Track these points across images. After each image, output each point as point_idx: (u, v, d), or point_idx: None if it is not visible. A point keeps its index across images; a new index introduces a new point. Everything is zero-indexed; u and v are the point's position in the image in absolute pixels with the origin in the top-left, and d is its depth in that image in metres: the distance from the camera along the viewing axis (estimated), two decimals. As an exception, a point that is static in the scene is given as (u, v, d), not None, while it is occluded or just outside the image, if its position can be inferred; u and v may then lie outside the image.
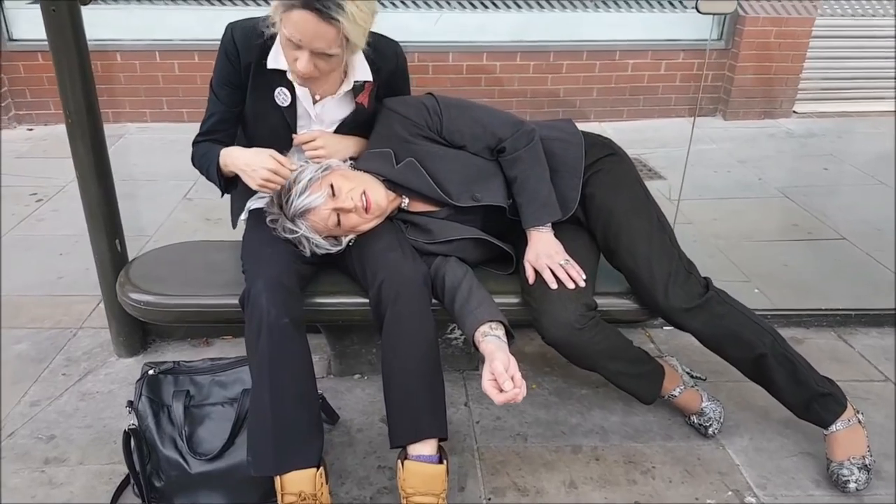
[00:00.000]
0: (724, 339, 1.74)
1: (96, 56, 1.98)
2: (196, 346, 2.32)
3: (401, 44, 1.80)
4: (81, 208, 2.07)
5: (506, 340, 1.53)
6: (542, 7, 2.10)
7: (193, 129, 1.79)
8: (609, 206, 1.78)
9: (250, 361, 1.56)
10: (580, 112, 4.87)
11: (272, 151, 1.63)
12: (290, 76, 1.66)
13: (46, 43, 1.86)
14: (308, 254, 1.71)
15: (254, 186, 1.64)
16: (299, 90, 1.71)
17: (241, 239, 1.86)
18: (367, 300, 1.70)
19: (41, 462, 1.81)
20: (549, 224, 1.75)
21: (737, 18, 4.78)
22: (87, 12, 1.91)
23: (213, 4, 4.36)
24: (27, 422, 1.95)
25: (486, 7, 3.63)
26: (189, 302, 1.79)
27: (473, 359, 2.18)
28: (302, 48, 1.52)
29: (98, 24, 4.51)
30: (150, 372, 1.67)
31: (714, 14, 2.02)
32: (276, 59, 1.67)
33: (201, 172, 1.76)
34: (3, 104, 4.47)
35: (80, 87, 1.91)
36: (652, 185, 2.03)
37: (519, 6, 4.05)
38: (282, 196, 1.67)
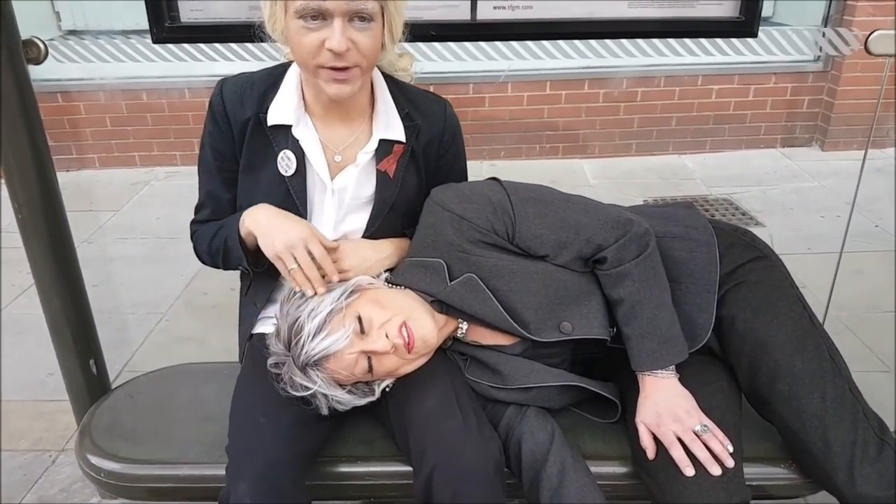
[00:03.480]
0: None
1: (119, 95, 1.54)
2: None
3: (455, 74, 1.31)
4: (90, 277, 1.62)
5: None
6: (617, 57, 1.68)
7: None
8: (759, 336, 1.23)
9: None
10: (657, 144, 4.35)
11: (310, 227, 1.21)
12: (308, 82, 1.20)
13: (66, 83, 1.43)
14: (325, 412, 1.20)
15: (272, 258, 1.19)
16: (310, 151, 1.24)
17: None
18: (410, 467, 1.19)
19: None
20: (674, 366, 1.21)
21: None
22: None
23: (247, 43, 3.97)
24: None
25: (552, 58, 3.14)
26: (165, 473, 1.29)
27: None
28: (330, 15, 1.09)
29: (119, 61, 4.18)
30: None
31: (890, 56, 1.44)
32: (279, 114, 1.23)
33: (213, 261, 1.36)
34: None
35: (34, 173, 1.46)
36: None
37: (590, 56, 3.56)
38: (291, 332, 1.17)
